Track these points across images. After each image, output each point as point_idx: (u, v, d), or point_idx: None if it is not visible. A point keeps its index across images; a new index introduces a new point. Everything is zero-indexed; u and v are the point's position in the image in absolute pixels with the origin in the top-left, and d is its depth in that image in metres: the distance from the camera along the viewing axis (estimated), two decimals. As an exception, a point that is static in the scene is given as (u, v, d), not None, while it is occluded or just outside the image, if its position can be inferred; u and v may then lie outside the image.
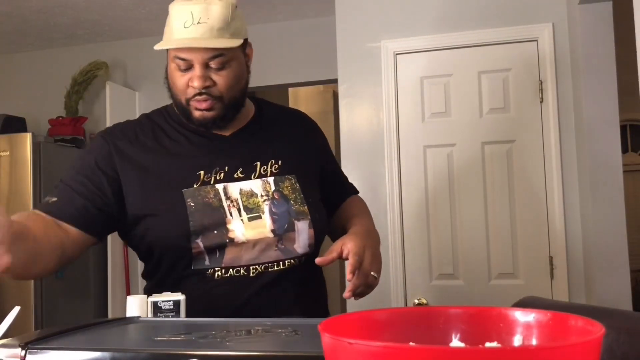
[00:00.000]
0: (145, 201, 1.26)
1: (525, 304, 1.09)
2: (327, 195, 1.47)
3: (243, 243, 1.25)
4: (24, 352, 0.75)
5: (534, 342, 0.58)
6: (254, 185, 1.29)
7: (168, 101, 1.36)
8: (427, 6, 3.00)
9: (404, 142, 2.95)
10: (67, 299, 3.78)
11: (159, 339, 0.86)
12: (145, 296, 1.14)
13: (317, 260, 1.23)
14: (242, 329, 0.90)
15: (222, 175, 1.28)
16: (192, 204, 1.24)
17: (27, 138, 3.59)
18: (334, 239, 1.42)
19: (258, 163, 1.32)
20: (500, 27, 2.89)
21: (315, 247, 1.33)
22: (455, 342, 0.60)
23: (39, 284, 3.55)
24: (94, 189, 1.24)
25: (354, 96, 3.06)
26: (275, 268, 1.27)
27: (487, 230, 2.87)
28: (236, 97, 1.28)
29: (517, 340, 0.58)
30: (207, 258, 1.24)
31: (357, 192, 1.61)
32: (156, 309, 1.15)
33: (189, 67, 1.22)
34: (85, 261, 3.93)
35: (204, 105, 1.24)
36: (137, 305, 1.13)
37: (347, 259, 1.23)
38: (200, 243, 1.23)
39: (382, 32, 3.03)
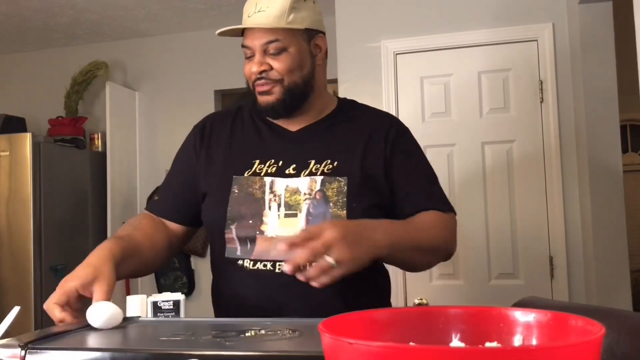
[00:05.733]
0: (205, 181, 1.34)
1: (525, 304, 1.09)
2: (401, 204, 1.33)
3: (272, 238, 1.25)
4: (23, 352, 0.75)
5: (534, 342, 0.57)
6: (301, 182, 1.28)
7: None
8: (427, 6, 3.00)
9: (404, 142, 2.95)
10: (67, 299, 3.77)
11: (159, 339, 0.86)
12: (145, 296, 1.14)
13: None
14: (242, 329, 0.90)
15: (274, 169, 1.30)
16: (236, 191, 1.29)
17: (27, 138, 3.59)
18: None
19: (313, 161, 1.30)
20: (500, 27, 2.89)
21: None
22: (455, 342, 0.60)
23: (39, 284, 3.55)
24: (187, 182, 1.36)
25: (354, 96, 2.99)
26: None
27: (487, 230, 2.87)
28: (297, 82, 1.30)
29: (517, 340, 0.58)
30: (239, 248, 1.27)
31: (443, 209, 1.33)
32: (156, 309, 1.15)
33: (252, 54, 1.29)
34: (85, 261, 3.93)
35: (263, 88, 1.29)
36: (137, 305, 1.13)
37: None
38: (233, 230, 1.27)
39: (382, 32, 3.03)
